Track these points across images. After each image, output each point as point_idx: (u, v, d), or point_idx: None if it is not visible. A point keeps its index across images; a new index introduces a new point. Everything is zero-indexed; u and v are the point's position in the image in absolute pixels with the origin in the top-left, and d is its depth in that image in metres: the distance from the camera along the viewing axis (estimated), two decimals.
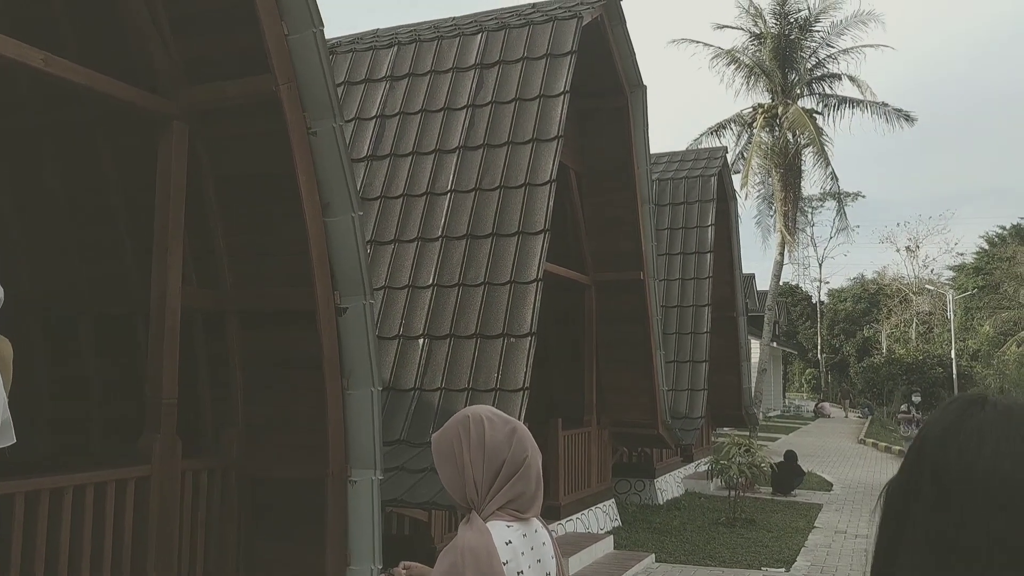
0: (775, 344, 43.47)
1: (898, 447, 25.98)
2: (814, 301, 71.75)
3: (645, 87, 11.55)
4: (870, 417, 42.66)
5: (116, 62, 5.22)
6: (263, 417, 5.55)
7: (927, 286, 60.11)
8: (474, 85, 9.59)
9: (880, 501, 1.07)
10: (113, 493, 4.75)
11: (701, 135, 25.98)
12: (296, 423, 5.42)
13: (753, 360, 28.78)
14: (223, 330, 5.65)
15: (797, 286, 75.42)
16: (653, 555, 10.55)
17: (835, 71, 25.19)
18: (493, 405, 8.07)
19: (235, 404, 5.60)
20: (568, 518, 10.99)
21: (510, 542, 2.34)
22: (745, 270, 46.71)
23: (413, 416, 8.07)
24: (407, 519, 7.93)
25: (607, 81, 11.44)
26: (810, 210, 63.08)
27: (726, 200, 18.35)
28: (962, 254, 76.83)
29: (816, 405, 50.46)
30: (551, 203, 8.63)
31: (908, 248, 66.77)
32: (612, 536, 10.87)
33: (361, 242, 5.30)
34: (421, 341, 8.44)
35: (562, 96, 9.12)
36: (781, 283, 69.90)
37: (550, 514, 10.67)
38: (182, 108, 5.20)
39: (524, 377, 7.93)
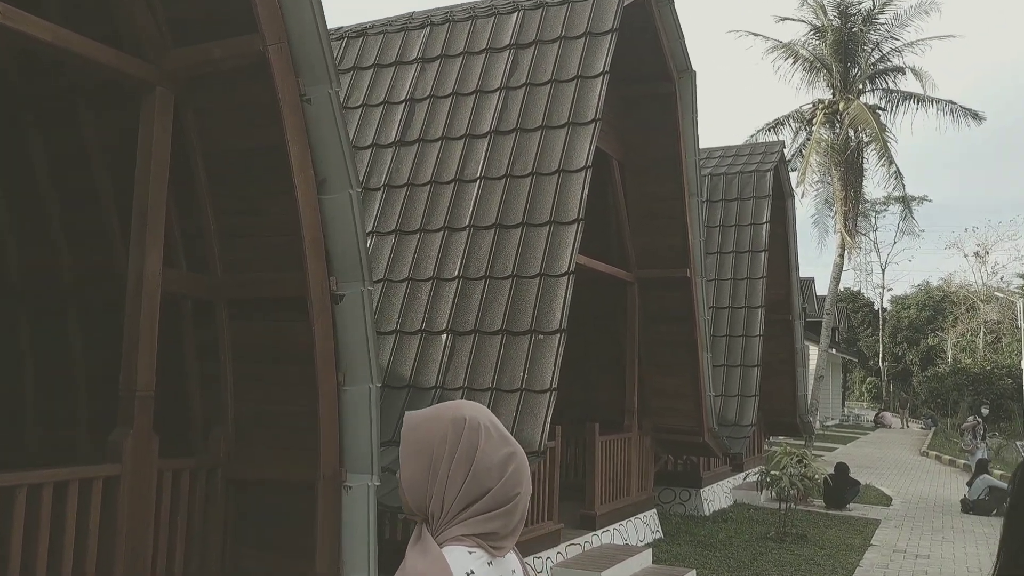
0: (834, 351, 42.14)
1: (963, 460, 24.73)
2: (876, 308, 69.75)
3: (694, 71, 10.88)
4: (933, 428, 41.07)
5: (97, 24, 4.78)
6: (253, 414, 5.07)
7: (996, 293, 57.96)
8: (508, 66, 9.04)
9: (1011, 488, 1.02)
10: (76, 493, 4.29)
11: (757, 131, 25.06)
12: (287, 421, 4.92)
13: (810, 367, 27.78)
14: (213, 319, 5.18)
15: (859, 292, 73.46)
16: (694, 571, 9.86)
17: (899, 64, 24.07)
18: (519, 406, 7.53)
19: (224, 400, 5.13)
20: (604, 529, 10.36)
21: (472, 572, 1.80)
22: (803, 273, 45.49)
23: None
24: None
25: (653, 66, 10.80)
26: (873, 214, 61.56)
27: (783, 197, 17.51)
28: None
29: (876, 415, 48.83)
30: (586, 191, 8.03)
31: (976, 254, 64.60)
32: (651, 549, 10.21)
33: (360, 222, 4.79)
34: (444, 337, 7.91)
35: (601, 77, 8.52)
36: (842, 288, 68.14)
37: (585, 524, 10.07)
38: (166, 73, 4.73)
39: (552, 377, 7.35)
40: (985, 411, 22.95)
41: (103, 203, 5.51)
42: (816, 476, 13.24)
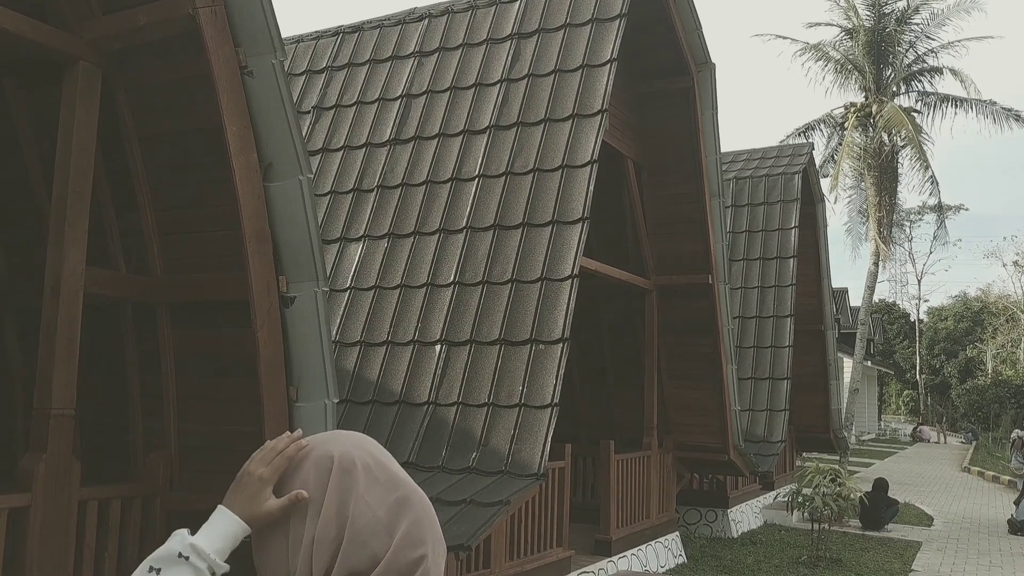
0: (869, 363, 40.93)
1: (1007, 476, 23.58)
2: (912, 319, 68.09)
3: (714, 65, 10.18)
4: (974, 443, 39.67)
5: None
6: (198, 435, 4.44)
7: None
8: (510, 57, 8.42)
9: None
10: None
11: (787, 136, 24.20)
12: (234, 444, 4.29)
13: (845, 380, 26.76)
14: (155, 326, 4.56)
15: (894, 303, 71.82)
16: None
17: (936, 65, 23.11)
18: (517, 423, 6.85)
19: (167, 418, 4.50)
20: (621, 555, 9.62)
21: None
22: (836, 284, 44.40)
23: (424, 435, 6.89)
24: None
25: (670, 60, 10.11)
26: (908, 224, 60.16)
27: (812, 203, 16.70)
28: None
29: (914, 429, 47.39)
30: (591, 187, 7.36)
31: (1016, 263, 62.82)
32: None
33: (312, 212, 4.15)
34: (438, 347, 7.27)
35: (608, 65, 7.87)
36: (877, 299, 66.71)
37: (600, 550, 9.34)
38: (89, 45, 4.15)
39: (553, 392, 6.67)
40: None
41: (37, 194, 4.93)
42: (851, 495, 12.40)
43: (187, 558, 1.29)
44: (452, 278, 7.50)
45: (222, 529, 1.33)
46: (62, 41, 4.07)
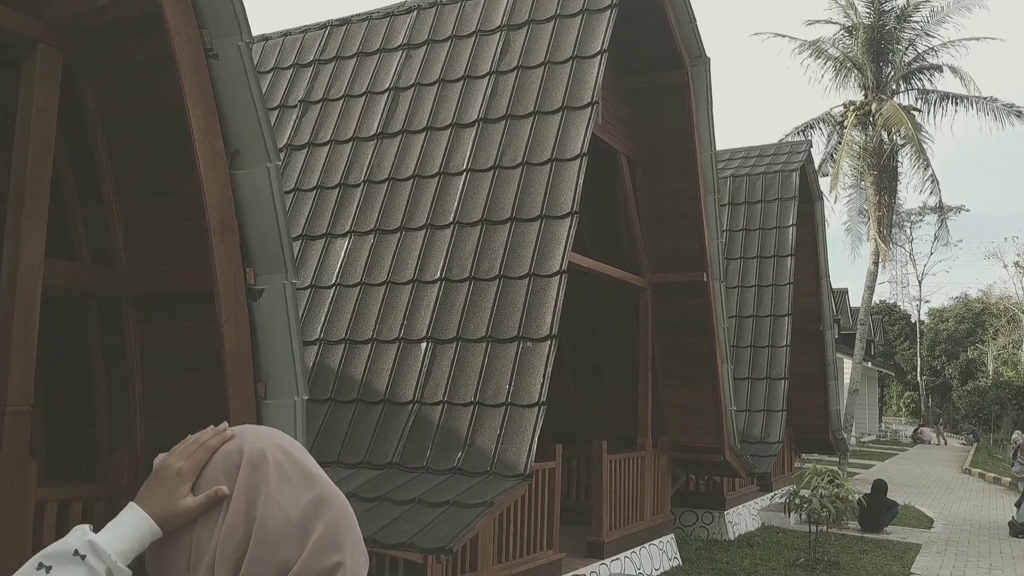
0: (869, 364, 40.74)
1: (1008, 478, 23.38)
2: (913, 320, 67.89)
3: (708, 59, 10.01)
4: (975, 444, 39.47)
5: None
6: (164, 432, 4.26)
7: None
8: (499, 49, 8.26)
9: None
10: None
11: (786, 135, 24.01)
12: None
13: (845, 381, 26.56)
14: (121, 320, 4.39)
15: (895, 304, 71.61)
16: None
17: (936, 63, 22.92)
18: (503, 423, 6.68)
19: (133, 415, 4.33)
20: (614, 557, 9.44)
21: None
22: (837, 285, 44.14)
23: (409, 435, 6.72)
24: (400, 561, 6.52)
25: (663, 53, 9.94)
26: (909, 224, 59.94)
27: (811, 201, 16.51)
28: None
29: (915, 431, 47.17)
30: (581, 181, 7.19)
31: (1017, 264, 62.64)
32: None
33: (280, 201, 3.99)
34: (424, 345, 7.10)
35: (599, 56, 7.70)
36: (878, 301, 66.46)
37: (593, 553, 9.16)
38: (50, 27, 3.98)
39: (541, 390, 6.50)
40: None
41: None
42: (849, 496, 12.22)
43: (83, 557, 1.13)
44: (439, 274, 7.34)
45: (128, 528, 1.17)
46: (20, 23, 3.90)
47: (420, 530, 5.60)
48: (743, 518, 13.83)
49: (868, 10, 22.77)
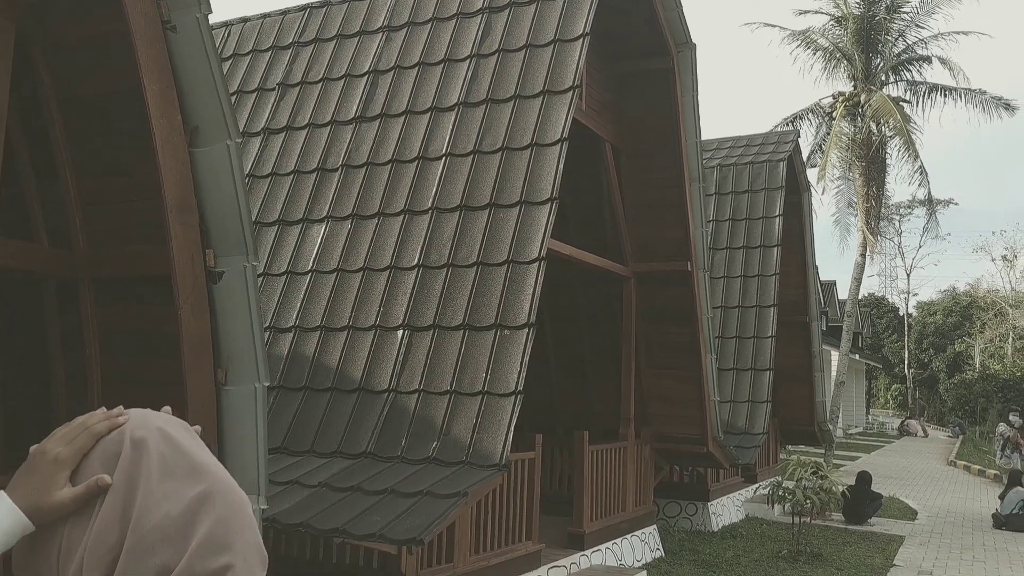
0: (856, 356, 40.79)
1: (993, 470, 23.42)
2: (901, 313, 68.10)
3: (694, 45, 9.87)
4: (961, 437, 39.61)
5: None
6: None
7: None
8: (480, 32, 8.11)
9: None
10: None
11: (775, 126, 23.91)
12: None
13: (832, 372, 26.54)
14: (78, 304, 4.25)
15: (883, 297, 71.76)
16: None
17: (925, 54, 22.83)
18: (479, 412, 6.56)
19: (91, 402, 4.18)
20: (595, 548, 9.35)
21: None
22: (825, 277, 44.03)
23: (384, 424, 6.60)
24: (375, 552, 6.40)
25: (649, 40, 9.81)
26: (898, 218, 60.00)
27: (798, 192, 16.41)
28: None
29: (901, 423, 47.34)
30: (561, 167, 7.07)
31: (1004, 258, 62.90)
32: (645, 571, 9.20)
33: (240, 181, 3.85)
34: (400, 333, 6.97)
35: (581, 40, 7.56)
36: (866, 294, 66.42)
37: (573, 544, 9.07)
38: None
39: (518, 379, 6.38)
40: (1016, 419, 21.59)
41: None
42: (833, 488, 12.17)
43: None
44: (416, 261, 7.21)
45: None
46: None
47: (391, 521, 5.48)
48: (727, 509, 13.78)
49: (858, 0, 22.66)
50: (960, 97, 22.83)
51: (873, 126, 22.29)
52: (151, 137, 3.67)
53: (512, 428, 6.21)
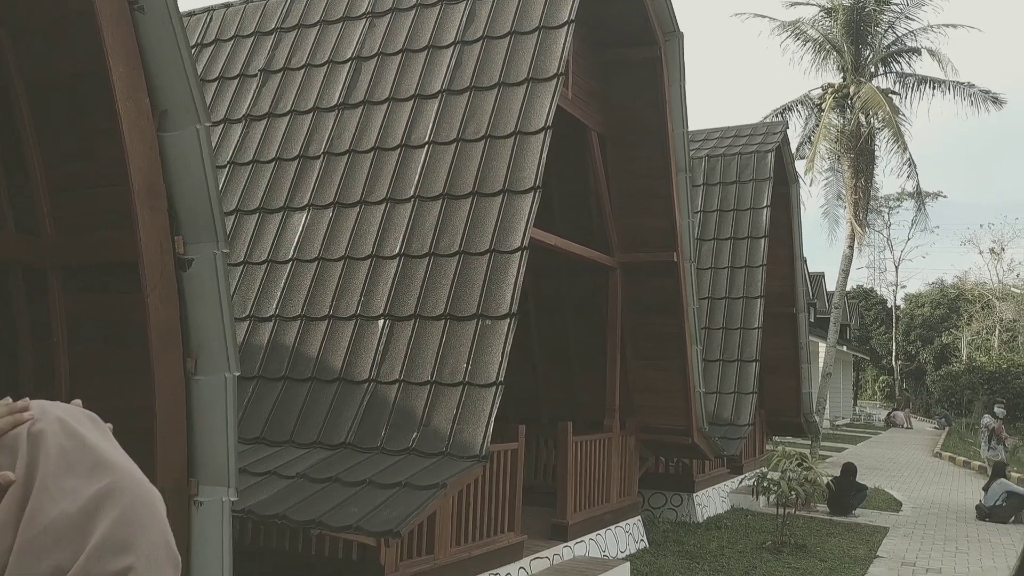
0: (844, 348, 40.91)
1: (978, 462, 23.52)
2: (889, 305, 68.35)
3: (682, 34, 9.80)
4: (947, 428, 39.78)
5: None
6: (92, 411, 4.04)
7: (1012, 290, 56.58)
8: (464, 18, 8.01)
9: None
10: None
11: (764, 118, 23.87)
12: (125, 420, 3.89)
13: (820, 364, 26.58)
14: (46, 291, 4.16)
15: (872, 289, 72.02)
16: None
17: (914, 45, 22.80)
18: (460, 402, 6.49)
19: (59, 392, 4.10)
20: (578, 539, 9.31)
21: None
22: (814, 269, 44.01)
23: (364, 414, 6.53)
24: (354, 544, 6.34)
25: (637, 28, 9.73)
26: (886, 210, 60.12)
27: (786, 183, 16.37)
28: None
29: (888, 414, 47.55)
30: (544, 155, 6.99)
31: (992, 250, 63.19)
32: (628, 563, 9.17)
33: (210, 166, 3.76)
34: (381, 323, 6.89)
35: (566, 27, 7.48)
36: (855, 286, 66.49)
37: (556, 535, 9.03)
38: None
39: (499, 370, 6.32)
40: (1001, 411, 21.66)
41: None
42: (818, 479, 12.17)
43: None
44: (398, 250, 7.12)
45: None
46: None
47: (368, 512, 5.42)
48: (712, 500, 13.77)
49: None
50: (949, 89, 22.83)
51: (862, 118, 22.26)
52: (118, 120, 3.58)
53: (493, 419, 6.14)
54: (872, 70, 22.93)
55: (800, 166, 21.71)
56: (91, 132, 3.90)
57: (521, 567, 8.06)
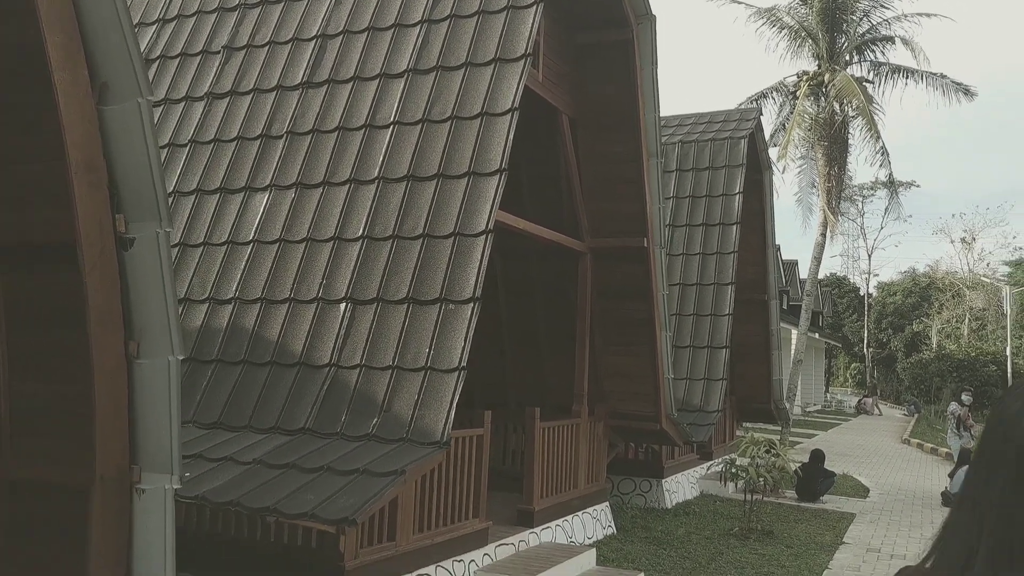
0: (816, 335, 41.19)
1: (945, 449, 23.76)
2: (862, 293, 68.94)
3: (654, 16, 9.69)
4: (916, 415, 40.22)
5: None
6: (34, 397, 3.90)
7: (982, 280, 57.24)
8: None
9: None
10: None
11: (739, 104, 23.85)
12: (65, 406, 3.76)
13: (792, 351, 26.71)
14: None
15: (845, 277, 72.59)
16: (642, 574, 8.79)
17: (888, 34, 22.83)
18: (422, 388, 6.37)
19: (1, 381, 3.94)
20: (545, 526, 9.26)
21: None
22: (788, 256, 44.20)
23: (324, 400, 6.40)
24: (312, 531, 6.21)
25: (609, 10, 9.61)
26: (860, 199, 60.52)
27: (759, 170, 16.34)
28: (1021, 248, 73.40)
29: (859, 401, 47.99)
30: (511, 137, 6.87)
31: (963, 240, 63.89)
32: (595, 549, 9.12)
33: (153, 142, 3.61)
34: (343, 306, 6.76)
35: (535, 7, 7.34)
36: (828, 273, 66.92)
37: (523, 521, 8.96)
38: None
39: (462, 355, 6.21)
40: (968, 398, 21.86)
41: None
42: (786, 466, 12.20)
43: None
44: (361, 232, 6.98)
45: None
46: None
47: (324, 499, 5.31)
48: (682, 486, 13.78)
49: None
50: (921, 79, 22.90)
51: (836, 106, 22.30)
52: (53, 92, 3.42)
53: (454, 405, 6.04)
54: (847, 58, 22.95)
55: (774, 153, 21.74)
56: (32, 106, 3.73)
57: (485, 554, 7.98)
